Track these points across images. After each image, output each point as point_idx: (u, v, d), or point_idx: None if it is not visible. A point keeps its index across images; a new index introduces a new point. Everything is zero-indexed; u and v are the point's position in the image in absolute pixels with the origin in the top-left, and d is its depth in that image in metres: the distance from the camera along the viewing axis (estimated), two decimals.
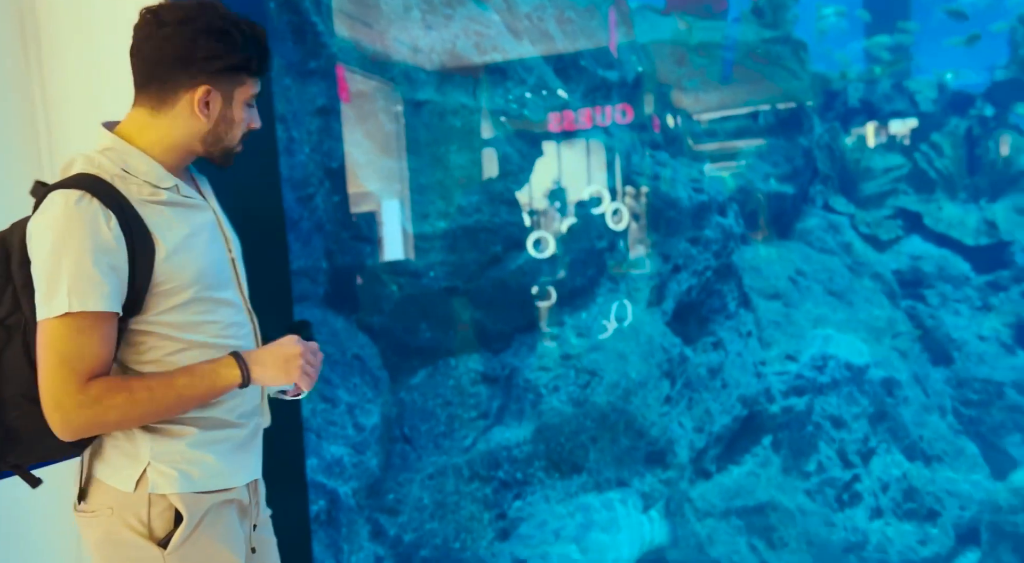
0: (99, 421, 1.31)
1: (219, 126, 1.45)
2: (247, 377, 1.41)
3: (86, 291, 1.28)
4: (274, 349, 1.45)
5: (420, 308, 4.05)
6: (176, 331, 1.40)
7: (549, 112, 4.46)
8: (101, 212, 1.30)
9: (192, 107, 1.41)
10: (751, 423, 4.54)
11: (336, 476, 3.67)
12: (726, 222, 4.95)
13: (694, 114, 5.79)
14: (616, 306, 4.39)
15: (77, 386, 1.29)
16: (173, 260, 1.37)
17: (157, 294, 1.37)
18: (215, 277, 1.45)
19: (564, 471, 4.01)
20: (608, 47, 4.77)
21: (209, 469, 1.45)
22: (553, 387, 4.07)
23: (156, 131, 1.43)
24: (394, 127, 4.07)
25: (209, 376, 1.39)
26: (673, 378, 4.31)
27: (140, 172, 1.40)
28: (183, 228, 1.41)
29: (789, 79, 6.07)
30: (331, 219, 3.79)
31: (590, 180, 4.57)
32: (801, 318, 5.20)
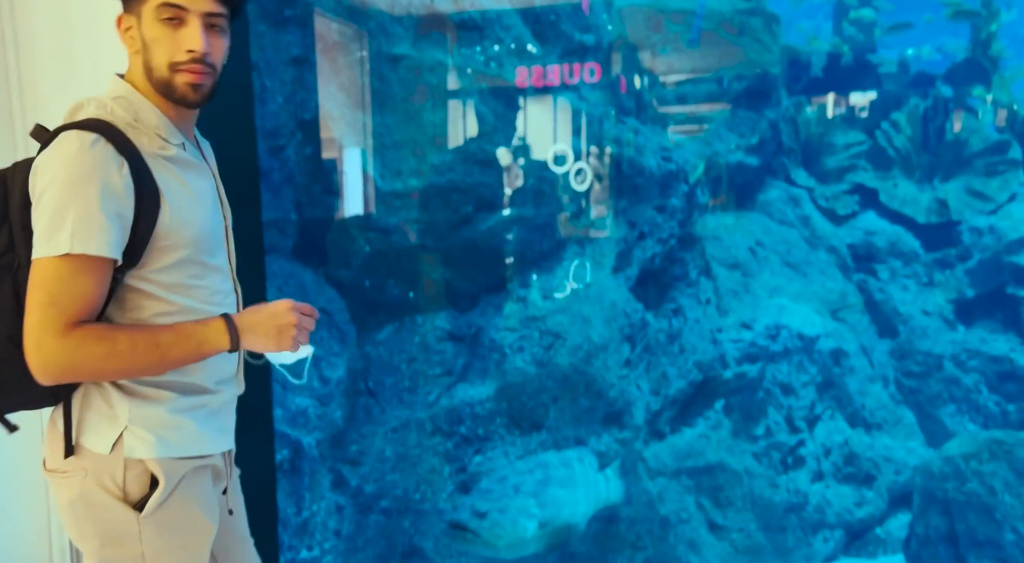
0: (77, 367, 1.28)
1: (144, 54, 1.36)
2: (236, 343, 1.37)
3: (90, 234, 1.25)
4: (266, 316, 1.40)
5: (389, 264, 4.06)
6: (166, 291, 1.38)
7: (523, 70, 4.45)
8: (114, 158, 1.27)
9: (123, 38, 1.38)
10: (705, 388, 4.71)
11: (300, 427, 3.71)
12: (691, 191, 5.04)
13: (667, 81, 5.83)
14: (575, 266, 4.46)
15: (62, 328, 1.25)
16: (175, 217, 1.35)
17: (155, 249, 1.35)
18: (210, 241, 1.43)
19: (524, 429, 4.12)
20: (581, 9, 4.75)
21: (187, 435, 1.43)
22: (518, 347, 4.16)
23: (131, 76, 1.40)
24: (369, 81, 4.03)
25: (195, 337, 1.35)
26: (633, 342, 4.43)
27: (151, 125, 1.37)
28: (187, 187, 1.39)
29: (760, 51, 6.13)
30: (302, 171, 3.75)
31: (556, 140, 4.59)
32: (758, 288, 5.36)
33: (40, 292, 1.25)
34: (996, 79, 6.66)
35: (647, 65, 5.73)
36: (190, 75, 1.35)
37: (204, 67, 1.35)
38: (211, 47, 1.35)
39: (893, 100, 6.67)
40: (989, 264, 5.67)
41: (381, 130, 4.06)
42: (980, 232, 5.78)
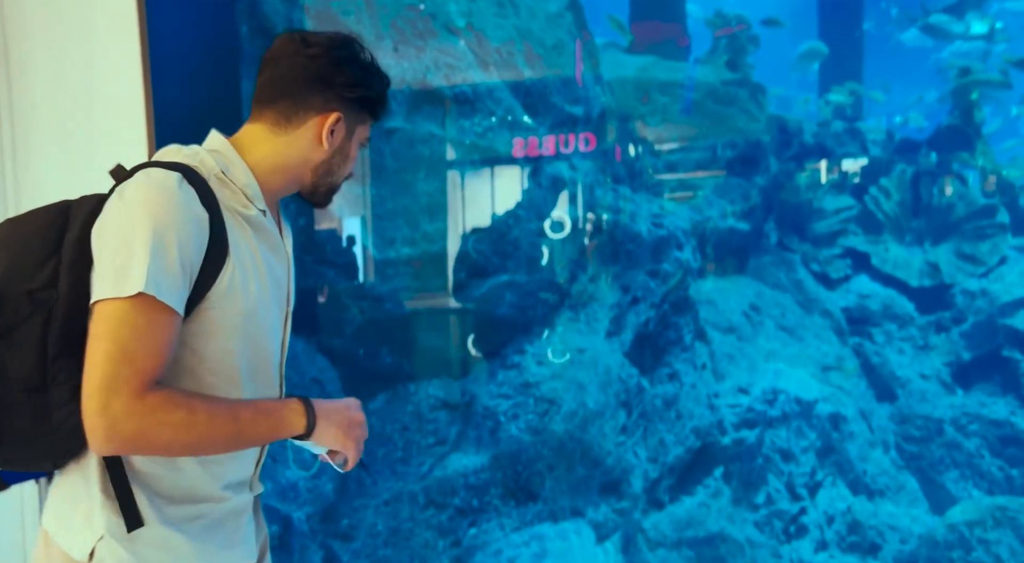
0: (148, 437, 1.10)
1: (335, 158, 1.36)
2: (312, 428, 1.24)
3: (164, 278, 1.12)
4: (342, 406, 1.30)
5: (381, 332, 4.06)
6: (200, 363, 1.22)
7: (515, 140, 4.55)
8: (195, 205, 1.17)
9: (318, 130, 1.32)
10: (704, 454, 4.64)
11: (290, 501, 3.64)
12: (683, 256, 5.08)
13: (655, 150, 5.96)
14: (575, 334, 4.46)
15: (136, 389, 1.08)
16: (235, 280, 1.22)
17: (207, 308, 1.20)
18: (266, 320, 1.29)
19: (520, 499, 4.03)
20: (574, 81, 4.90)
21: (173, 555, 1.22)
22: (512, 415, 4.11)
23: (270, 148, 1.32)
24: (362, 153, 4.11)
25: (274, 415, 1.21)
26: (630, 408, 4.39)
27: (239, 181, 1.28)
28: (256, 255, 1.27)
29: (747, 120, 6.29)
30: (296, 242, 3.79)
31: (552, 208, 4.66)
32: (754, 352, 5.34)
33: (109, 343, 1.09)
34: (980, 145, 6.81)
35: (637, 134, 5.87)
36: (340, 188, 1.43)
37: None
38: None
39: (881, 166, 6.80)
40: (984, 327, 5.67)
41: (375, 200, 4.12)
42: (973, 295, 5.80)
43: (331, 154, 1.35)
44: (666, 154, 5.98)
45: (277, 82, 1.31)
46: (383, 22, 4.15)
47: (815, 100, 7.95)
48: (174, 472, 1.23)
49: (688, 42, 7.20)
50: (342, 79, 1.31)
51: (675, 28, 7.14)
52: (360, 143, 1.40)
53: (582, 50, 5.05)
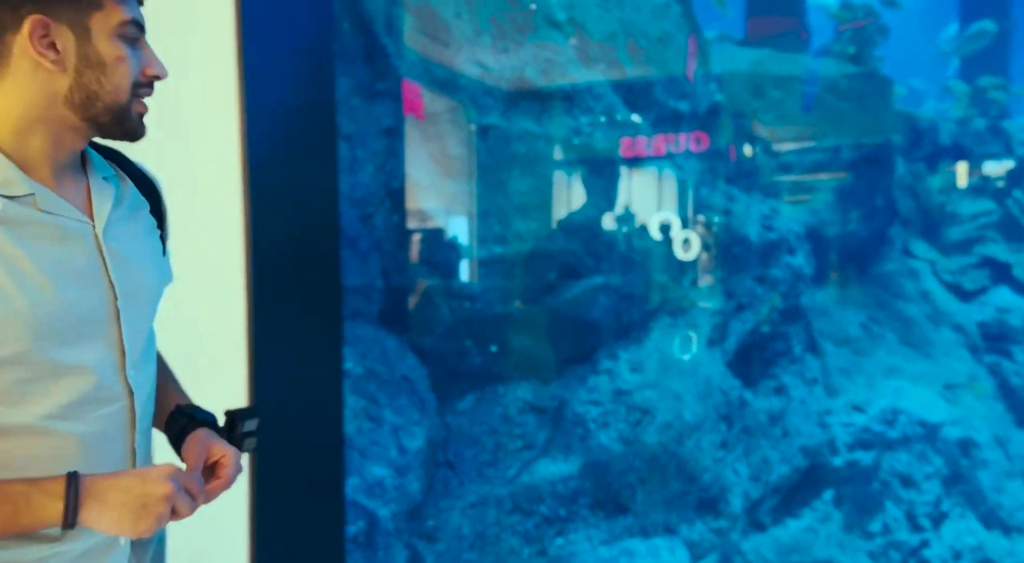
0: None
1: (84, 74, 1.01)
2: (72, 515, 0.92)
3: None
4: (131, 482, 0.96)
5: (471, 332, 4.00)
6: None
7: (617, 139, 4.39)
8: None
9: (30, 53, 0.98)
10: (812, 475, 4.31)
11: (377, 498, 3.63)
12: (796, 262, 4.75)
13: (769, 148, 5.62)
14: (675, 341, 4.25)
15: None
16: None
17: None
18: (61, 330, 0.99)
19: (609, 511, 3.87)
20: (681, 76, 4.68)
21: None
22: (603, 423, 3.95)
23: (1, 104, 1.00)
24: (458, 150, 4.07)
25: (15, 502, 0.91)
26: (730, 422, 4.13)
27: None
28: (20, 255, 0.97)
29: (873, 116, 5.84)
30: (389, 239, 3.79)
31: (658, 209, 4.46)
32: (872, 367, 4.93)
33: None
34: None
35: (749, 132, 5.56)
36: (143, 104, 1.08)
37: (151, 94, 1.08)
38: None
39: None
40: None
41: (468, 198, 4.07)
42: None
43: (75, 71, 1.00)
44: (781, 153, 5.63)
45: None
46: (482, 17, 4.09)
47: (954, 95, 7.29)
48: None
49: (808, 35, 6.79)
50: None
51: (793, 21, 6.74)
52: (118, 34, 1.02)
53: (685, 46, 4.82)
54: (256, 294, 2.40)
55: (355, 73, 3.68)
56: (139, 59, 1.05)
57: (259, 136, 2.50)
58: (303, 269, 2.74)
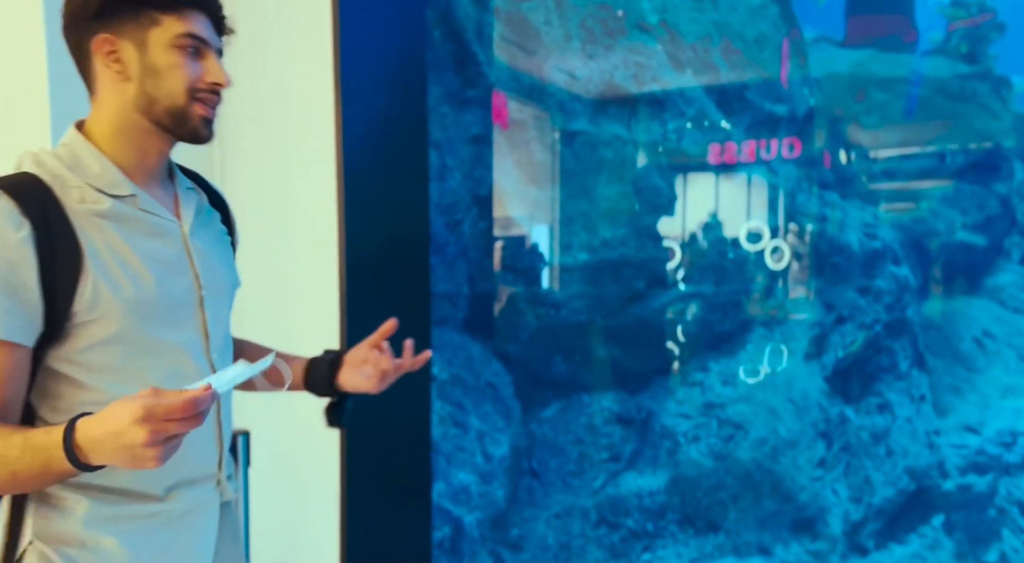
0: None
1: (145, 82, 1.13)
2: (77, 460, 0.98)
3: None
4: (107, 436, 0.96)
5: (556, 340, 3.95)
6: (94, 376, 1.10)
7: (708, 144, 4.26)
8: (12, 219, 1.04)
9: (107, 68, 1.13)
10: (919, 499, 4.04)
11: (462, 504, 3.62)
12: (901, 272, 4.49)
13: (871, 153, 5.35)
14: (769, 353, 4.07)
15: None
16: (101, 284, 1.08)
17: (79, 324, 1.08)
18: (159, 313, 1.13)
19: (699, 528, 3.73)
20: (777, 79, 4.51)
21: (102, 555, 1.10)
22: (693, 436, 3.82)
23: (97, 115, 1.16)
24: (544, 156, 4.04)
25: (42, 452, 0.99)
26: (830, 440, 3.92)
27: (91, 174, 1.13)
28: (124, 247, 1.12)
29: (987, 119, 5.47)
30: (475, 245, 3.80)
31: (749, 217, 4.30)
32: (986, 386, 4.59)
33: None
34: None
35: (850, 136, 5.30)
36: (207, 109, 1.16)
37: (219, 101, 1.19)
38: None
39: None
40: None
41: (554, 205, 4.03)
42: None
43: (138, 81, 1.13)
44: (885, 158, 5.35)
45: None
46: (572, 22, 4.06)
47: None
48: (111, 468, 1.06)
49: (916, 36, 6.43)
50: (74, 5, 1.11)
51: (899, 19, 6.40)
52: (174, 45, 1.13)
53: (788, 45, 4.64)
54: (349, 301, 2.43)
55: (445, 81, 3.72)
56: (197, 68, 1.16)
57: (354, 144, 2.54)
58: (394, 276, 2.77)
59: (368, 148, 2.63)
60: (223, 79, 1.17)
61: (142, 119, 1.15)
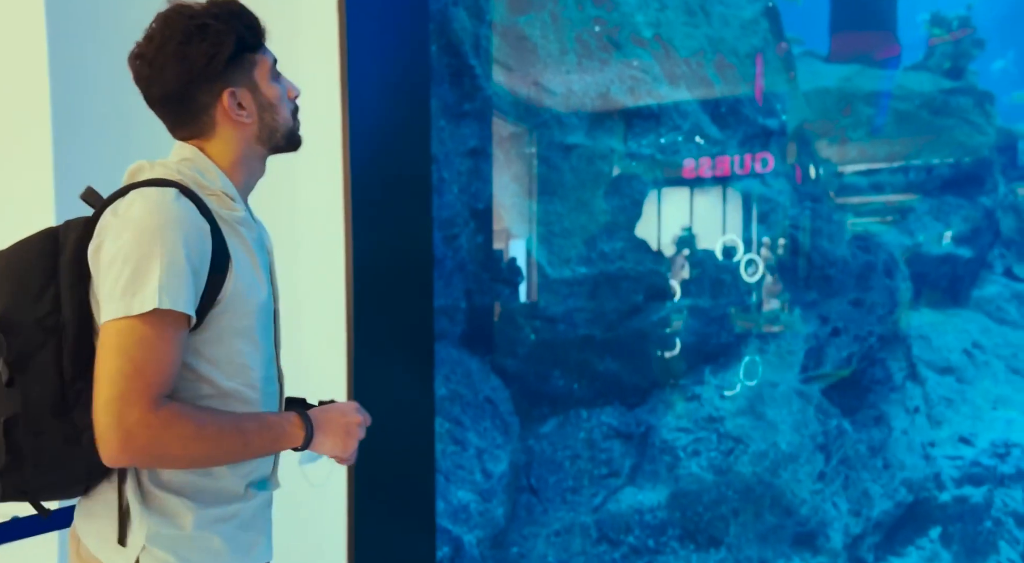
0: (163, 448, 1.13)
1: (264, 118, 1.31)
2: (309, 439, 1.26)
3: (179, 288, 1.12)
4: (336, 414, 1.31)
5: (554, 354, 3.92)
6: (213, 368, 1.22)
7: (701, 158, 4.27)
8: (195, 214, 1.18)
9: (230, 117, 1.27)
10: (917, 511, 4.04)
11: (461, 523, 3.56)
12: (894, 284, 4.52)
13: (859, 166, 5.40)
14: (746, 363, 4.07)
15: (150, 401, 1.10)
16: (239, 285, 1.22)
17: (213, 318, 1.21)
18: (265, 319, 1.30)
19: (700, 543, 3.70)
20: (765, 93, 4.54)
21: (213, 555, 1.23)
22: (693, 451, 3.80)
23: (216, 149, 1.30)
24: (542, 170, 4.03)
25: (275, 428, 1.24)
26: (828, 453, 3.92)
27: (216, 186, 1.27)
28: (253, 256, 1.28)
29: (971, 133, 5.55)
30: (473, 259, 3.76)
31: (745, 230, 4.31)
32: (978, 397, 4.62)
33: (121, 359, 1.11)
34: None
35: (838, 149, 5.35)
36: (298, 121, 1.36)
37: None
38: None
39: None
40: None
41: (551, 218, 4.01)
42: None
43: (258, 118, 1.30)
44: (874, 171, 5.40)
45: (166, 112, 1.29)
46: (568, 36, 4.06)
47: None
48: (205, 476, 1.24)
49: (898, 51, 6.53)
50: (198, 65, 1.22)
51: (882, 35, 6.50)
52: (270, 77, 1.31)
53: (773, 61, 4.68)
54: (356, 314, 2.39)
55: (442, 94, 3.69)
56: (283, 88, 1.34)
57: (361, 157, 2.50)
58: (399, 291, 2.72)
59: (375, 161, 2.60)
60: (297, 88, 1.35)
61: (261, 148, 1.33)
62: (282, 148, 1.35)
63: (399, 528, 1.66)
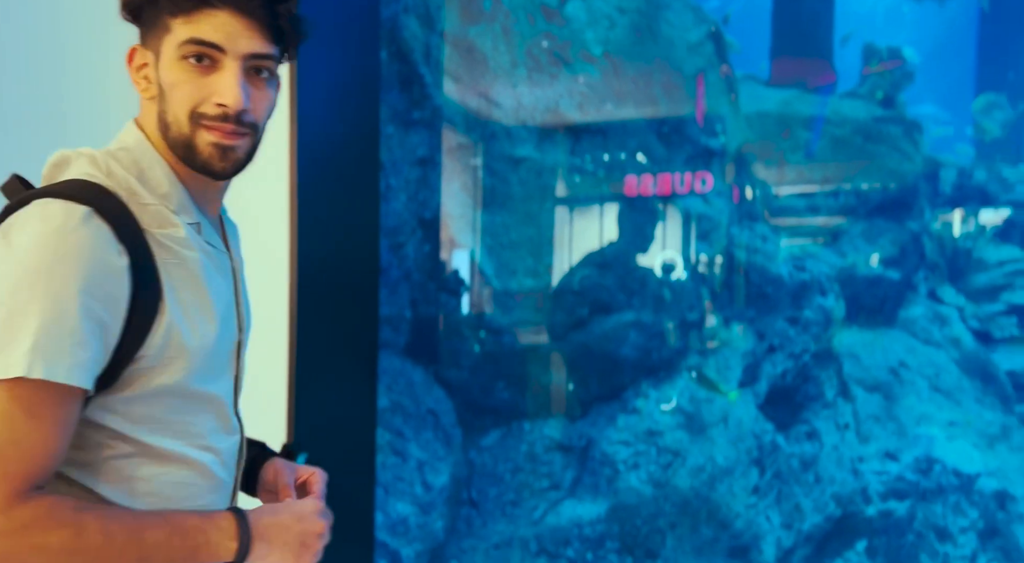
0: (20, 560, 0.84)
1: (162, 102, 0.96)
2: (244, 553, 0.94)
3: (60, 351, 0.84)
4: (289, 521, 0.99)
5: (498, 366, 3.91)
6: (132, 426, 0.94)
7: (644, 174, 4.35)
8: (110, 243, 0.88)
9: (135, 78, 0.98)
10: (845, 524, 4.17)
11: (400, 536, 3.51)
12: (827, 303, 4.67)
13: (795, 188, 5.58)
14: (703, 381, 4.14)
15: (5, 499, 0.82)
16: (174, 330, 0.93)
17: (138, 371, 0.92)
18: (210, 364, 1.00)
19: (638, 557, 3.73)
20: (709, 115, 4.66)
21: None
22: (632, 464, 3.84)
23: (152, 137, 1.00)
24: (490, 181, 4.03)
25: (193, 536, 0.91)
26: (763, 467, 4.01)
27: (158, 191, 0.96)
28: (196, 285, 0.97)
29: (900, 160, 5.80)
30: (419, 269, 3.73)
31: (687, 248, 4.39)
32: (903, 414, 4.81)
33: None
34: None
35: (776, 171, 5.52)
36: (218, 134, 0.95)
37: (239, 127, 0.95)
38: (252, 100, 0.96)
39: None
40: None
41: (498, 230, 4.01)
42: None
43: (156, 98, 0.96)
44: (810, 194, 5.59)
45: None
46: (519, 49, 4.08)
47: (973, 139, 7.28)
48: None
49: (834, 78, 6.79)
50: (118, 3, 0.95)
51: (820, 64, 6.75)
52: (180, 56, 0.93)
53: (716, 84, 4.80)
54: (300, 323, 2.33)
55: (391, 101, 3.66)
56: (204, 85, 0.94)
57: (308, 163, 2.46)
58: (343, 299, 2.67)
59: (322, 166, 2.55)
60: (230, 98, 0.93)
61: (164, 144, 0.98)
62: (185, 161, 0.97)
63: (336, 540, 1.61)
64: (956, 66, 8.15)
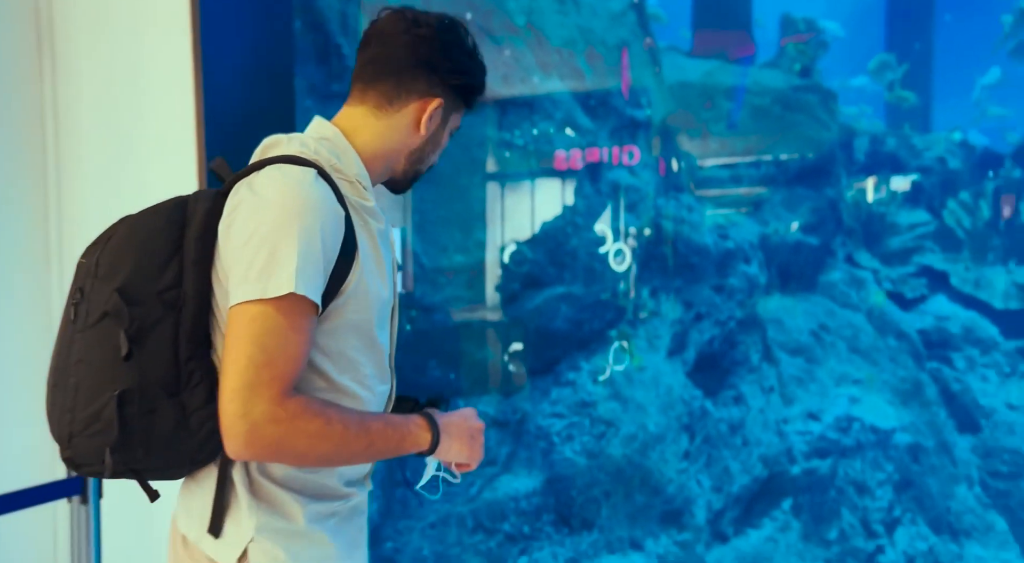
0: (287, 444, 1.07)
1: (428, 145, 1.31)
2: (435, 445, 1.22)
3: (312, 276, 1.08)
4: (460, 421, 1.28)
5: (430, 344, 3.86)
6: (327, 361, 1.17)
7: (573, 148, 4.33)
8: (333, 201, 1.13)
9: (419, 115, 1.27)
10: (771, 484, 4.31)
11: None
12: (751, 271, 4.78)
13: (719, 158, 5.67)
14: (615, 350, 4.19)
15: (278, 394, 1.05)
16: (363, 279, 1.17)
17: (337, 307, 1.16)
18: (383, 315, 1.25)
19: (574, 527, 3.77)
20: (634, 87, 4.66)
21: (320, 551, 1.21)
22: (567, 436, 3.86)
23: (372, 133, 1.27)
24: None
25: (401, 429, 1.19)
26: (692, 432, 4.10)
27: (351, 172, 1.22)
28: (376, 247, 1.22)
29: (817, 129, 5.95)
30: None
31: (615, 220, 4.41)
32: (824, 376, 4.99)
33: (252, 346, 1.05)
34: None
35: (699, 142, 5.59)
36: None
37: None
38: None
39: (961, 180, 6.38)
40: None
41: (427, 206, 3.94)
42: None
43: (426, 141, 1.31)
44: (732, 164, 5.69)
45: (382, 61, 1.27)
46: None
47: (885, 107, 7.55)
48: (308, 471, 1.21)
49: (753, 49, 6.90)
50: (448, 65, 1.27)
51: (740, 35, 6.84)
52: (451, 131, 1.36)
53: (641, 55, 4.81)
54: None
55: (308, 73, 3.52)
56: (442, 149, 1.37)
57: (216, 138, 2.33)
58: None
59: (233, 144, 2.42)
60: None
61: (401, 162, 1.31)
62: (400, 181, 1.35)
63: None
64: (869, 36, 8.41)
